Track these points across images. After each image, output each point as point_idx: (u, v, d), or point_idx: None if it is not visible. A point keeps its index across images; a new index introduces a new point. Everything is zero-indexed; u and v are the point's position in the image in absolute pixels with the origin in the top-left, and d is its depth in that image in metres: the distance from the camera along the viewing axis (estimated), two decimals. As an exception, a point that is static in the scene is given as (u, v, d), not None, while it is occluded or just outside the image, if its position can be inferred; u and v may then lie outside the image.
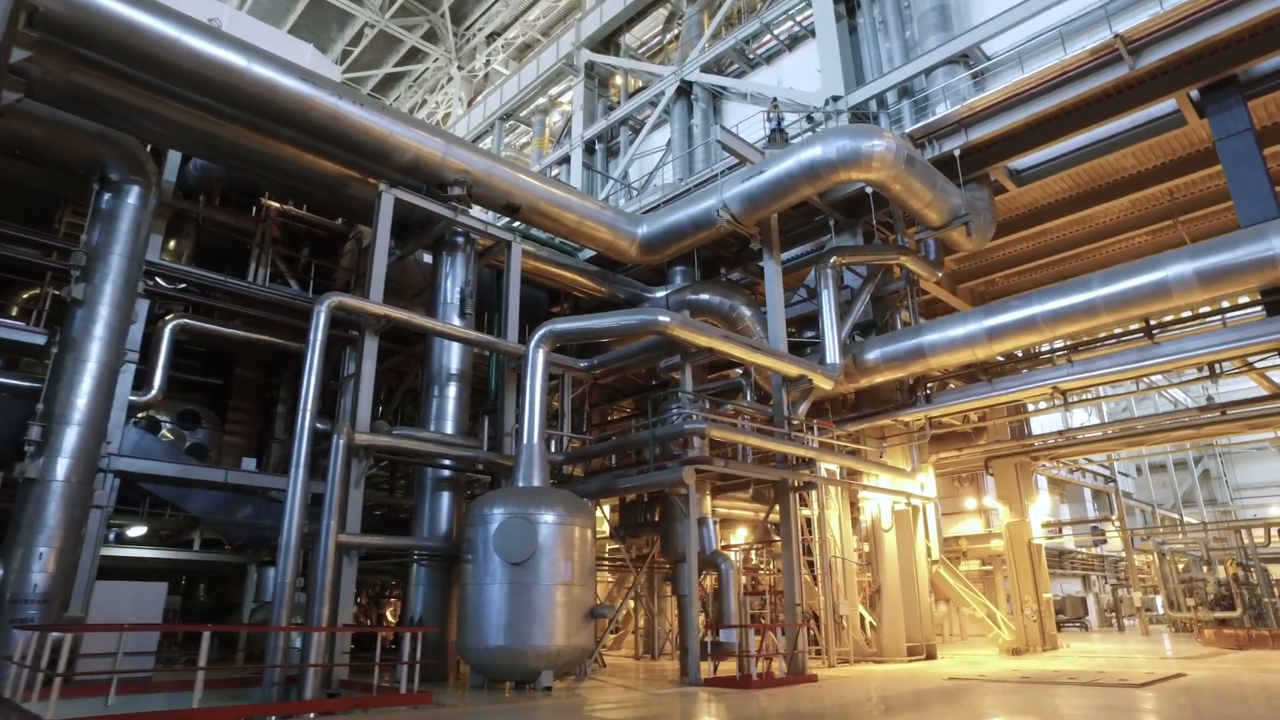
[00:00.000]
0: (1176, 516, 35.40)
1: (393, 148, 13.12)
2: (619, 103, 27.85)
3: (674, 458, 12.88)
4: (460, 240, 14.90)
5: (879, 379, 15.82)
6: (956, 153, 15.52)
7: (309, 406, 10.92)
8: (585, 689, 11.08)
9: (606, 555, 19.61)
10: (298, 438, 10.71)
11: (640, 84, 27.04)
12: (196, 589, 17.96)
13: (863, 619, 16.58)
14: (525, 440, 12.10)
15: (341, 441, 10.82)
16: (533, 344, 12.59)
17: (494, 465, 13.22)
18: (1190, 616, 23.83)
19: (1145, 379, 15.23)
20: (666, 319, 12.13)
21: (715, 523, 13.78)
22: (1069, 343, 15.18)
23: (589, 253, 19.40)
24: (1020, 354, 17.07)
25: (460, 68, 37.49)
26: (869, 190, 16.25)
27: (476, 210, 16.25)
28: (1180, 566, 27.85)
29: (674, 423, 13.03)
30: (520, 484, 11.78)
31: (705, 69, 23.34)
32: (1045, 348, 16.27)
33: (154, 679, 11.23)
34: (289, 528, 10.27)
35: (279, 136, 12.70)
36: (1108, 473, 28.56)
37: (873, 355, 15.66)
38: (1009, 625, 20.04)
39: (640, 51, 28.96)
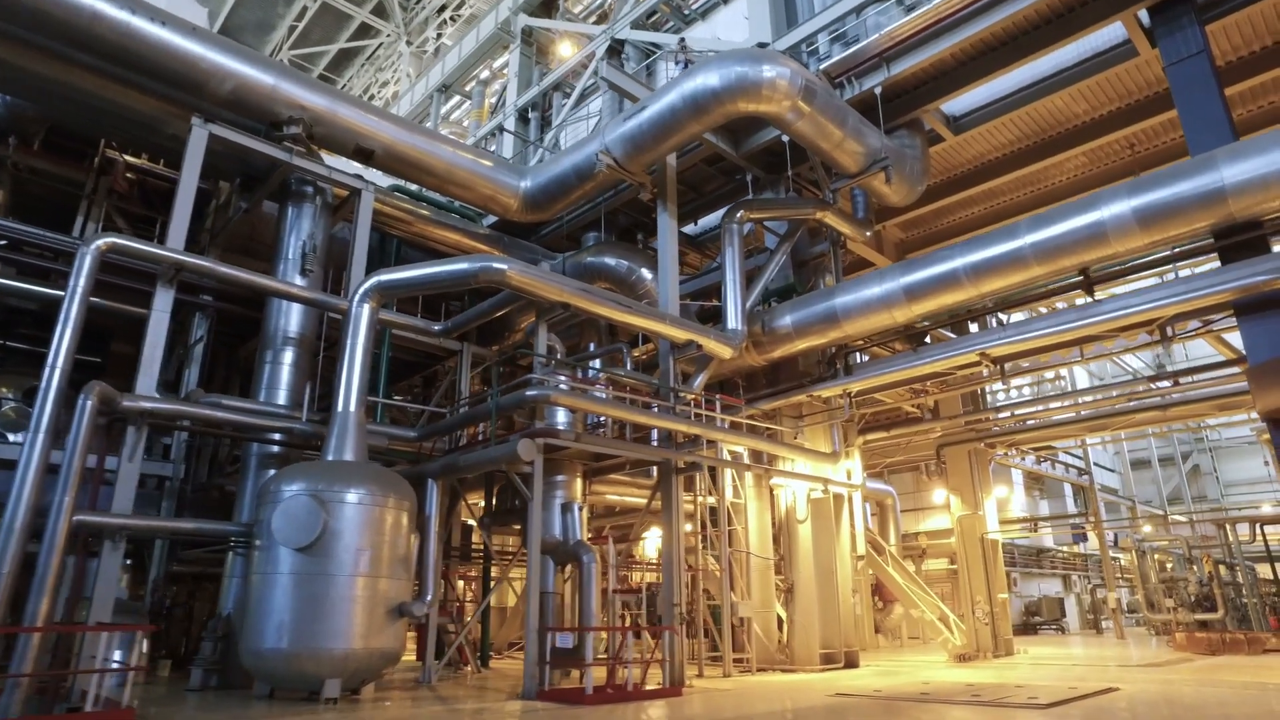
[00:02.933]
0: (1161, 513, 33.31)
1: (207, 76, 11.38)
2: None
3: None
4: (309, 190, 13.17)
5: (793, 348, 13.95)
6: (878, 90, 13.68)
7: (60, 364, 9.14)
8: (391, 701, 9.27)
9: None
10: (39, 399, 8.94)
11: (579, 49, 25.32)
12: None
13: (781, 622, 14.73)
14: (340, 408, 10.33)
15: (89, 403, 9.04)
16: (356, 298, 10.82)
17: (321, 438, 11.43)
18: (1169, 618, 21.82)
19: (1091, 346, 13.27)
20: (502, 265, 10.32)
21: (581, 507, 11.94)
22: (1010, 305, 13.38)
23: (495, 219, 17.74)
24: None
25: (409, 43, 35.84)
26: (785, 139, 14.47)
27: (354, 165, 14.56)
28: (1169, 566, 25.90)
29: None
30: (330, 458, 10.03)
31: (636, 25, 21.56)
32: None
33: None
34: (14, 507, 8.48)
35: (73, 62, 10.99)
36: (1082, 464, 26.53)
37: (785, 321, 13.81)
38: (962, 629, 18.20)
39: (582, 15, 27.20)
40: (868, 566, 20.64)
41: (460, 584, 18.75)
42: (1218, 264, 10.68)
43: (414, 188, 16.85)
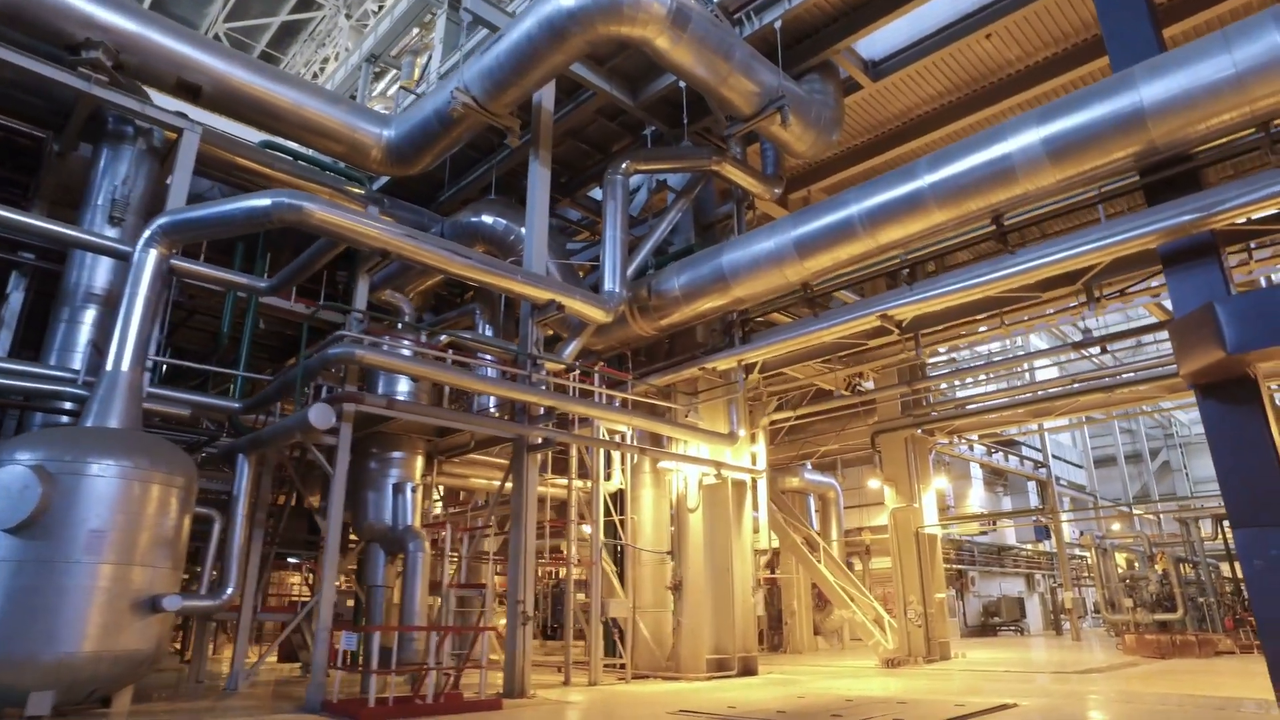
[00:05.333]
0: (1125, 509, 31.87)
1: (-32, -19, 9.78)
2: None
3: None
4: (129, 131, 11.60)
5: (683, 315, 12.38)
6: (777, 25, 12.17)
7: None
8: (143, 715, 7.69)
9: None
10: None
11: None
12: None
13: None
14: (110, 367, 8.75)
15: None
16: (141, 242, 9.25)
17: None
18: (1128, 619, 20.35)
19: (1016, 314, 11.79)
20: (299, 202, 8.75)
21: (416, 488, 10.35)
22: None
23: (386, 180, 16.22)
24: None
25: (349, 16, 34.22)
26: (682, 85, 13.00)
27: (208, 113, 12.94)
28: (1136, 564, 24.52)
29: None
30: (89, 423, 8.45)
31: (557, -20, 20.01)
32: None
33: None
34: None
35: None
36: (1039, 456, 25.05)
37: (673, 284, 12.27)
38: (896, 631, 16.78)
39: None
40: (801, 565, 19.15)
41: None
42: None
43: (309, 152, 15.25)
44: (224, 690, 9.97)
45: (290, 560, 15.88)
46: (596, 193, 17.35)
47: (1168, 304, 12.50)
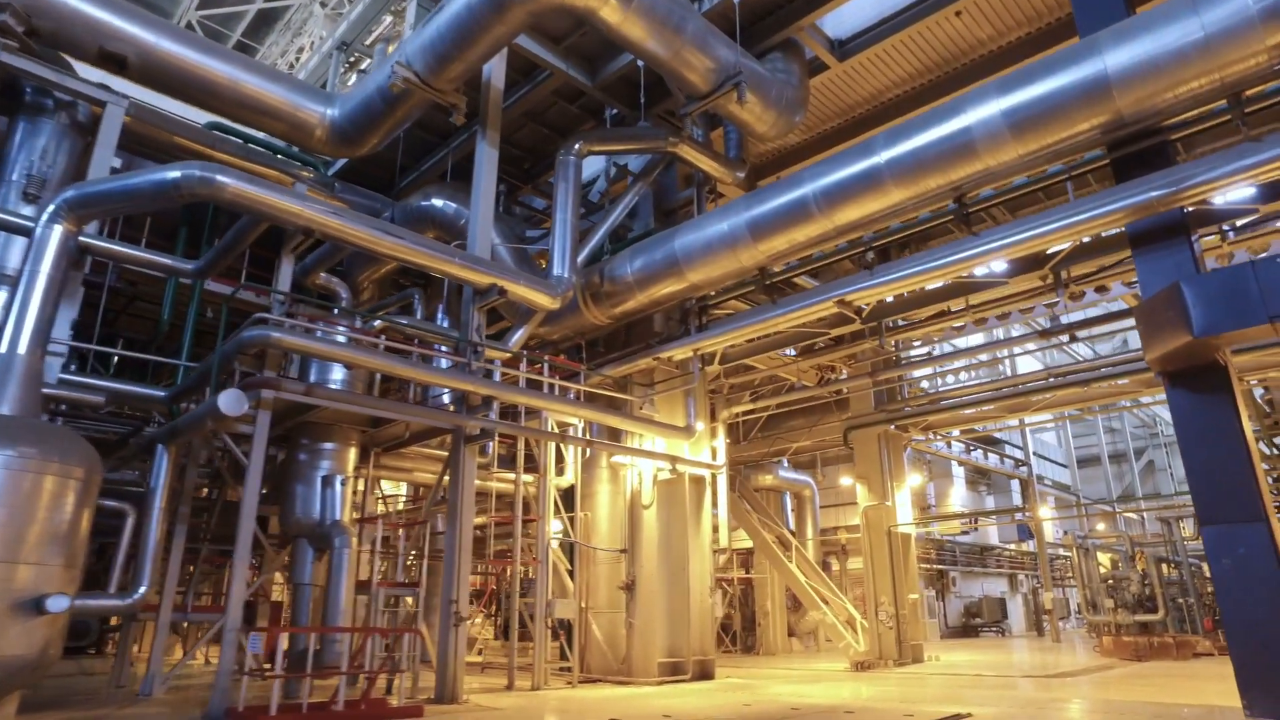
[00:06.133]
0: (1109, 508, 31.47)
1: None
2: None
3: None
4: (49, 104, 10.98)
5: (638, 302, 11.83)
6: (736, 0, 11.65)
7: None
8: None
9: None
10: None
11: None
12: None
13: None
14: (5, 349, 8.15)
15: None
16: (45, 218, 8.65)
17: (5, 397, 9.21)
18: (1109, 620, 19.87)
19: (981, 304, 11.28)
20: (215, 175, 8.18)
21: (345, 481, 9.78)
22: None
23: (342, 164, 15.70)
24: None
25: (323, 4, 33.59)
26: (640, 64, 12.51)
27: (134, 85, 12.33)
28: (1118, 565, 24.09)
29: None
30: (-22, 413, 7.84)
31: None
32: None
33: None
34: None
35: None
36: (1021, 455, 24.58)
37: (628, 269, 11.72)
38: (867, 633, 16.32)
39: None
40: (772, 564, 18.65)
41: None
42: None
43: (262, 135, 14.66)
44: (137, 695, 9.38)
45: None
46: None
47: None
